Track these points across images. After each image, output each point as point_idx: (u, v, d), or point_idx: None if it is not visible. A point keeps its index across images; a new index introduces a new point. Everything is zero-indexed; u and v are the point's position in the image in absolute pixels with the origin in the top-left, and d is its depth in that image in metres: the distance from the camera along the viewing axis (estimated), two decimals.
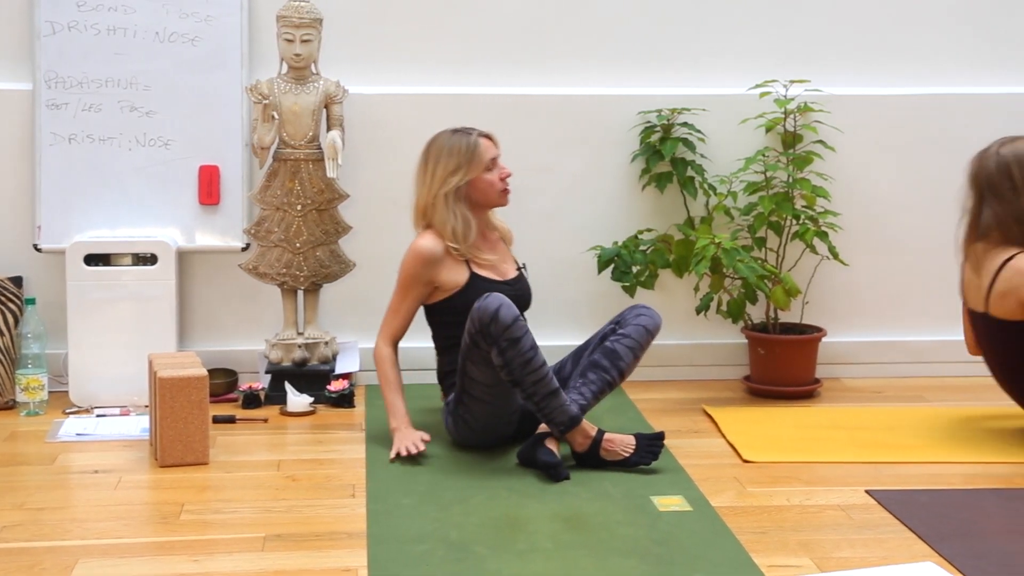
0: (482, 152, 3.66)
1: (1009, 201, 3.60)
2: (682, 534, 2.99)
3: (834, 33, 4.49)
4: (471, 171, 3.65)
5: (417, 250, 3.63)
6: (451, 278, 3.64)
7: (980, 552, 2.88)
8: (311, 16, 4.05)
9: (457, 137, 3.67)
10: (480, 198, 3.69)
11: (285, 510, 3.16)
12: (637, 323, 3.65)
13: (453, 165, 3.64)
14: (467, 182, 3.65)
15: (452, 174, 3.63)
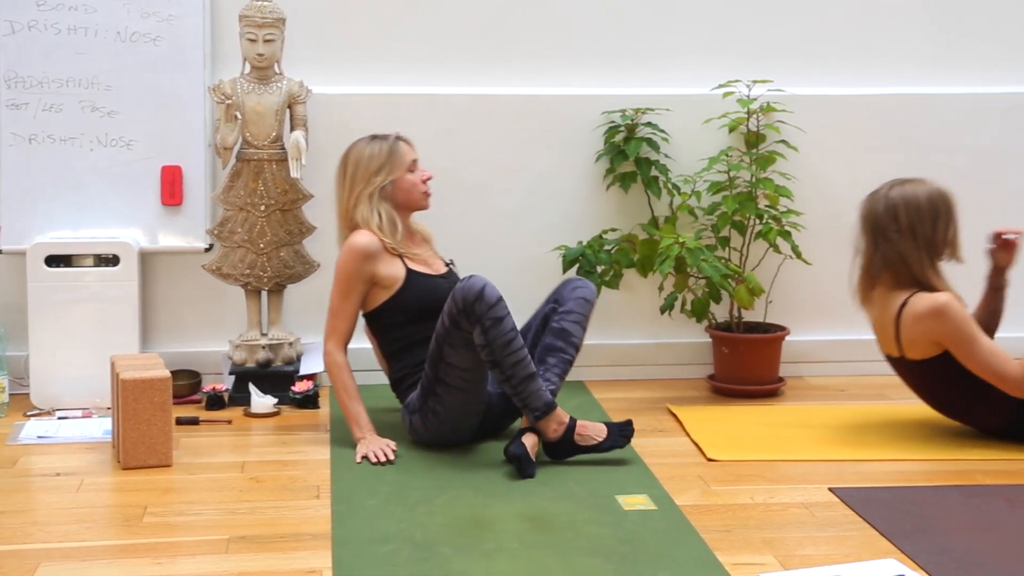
0: (403, 153, 3.70)
1: (896, 243, 3.66)
2: (647, 533, 3.00)
3: (797, 33, 4.52)
4: (393, 171, 3.68)
5: (354, 246, 3.62)
6: (390, 272, 3.64)
7: (942, 548, 2.91)
8: (274, 16, 4.04)
9: (375, 142, 3.71)
10: (403, 199, 3.71)
11: (249, 512, 3.15)
12: (576, 296, 3.72)
13: (375, 166, 3.67)
14: (391, 182, 3.67)
15: (375, 174, 3.67)
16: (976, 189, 4.59)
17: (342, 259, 3.64)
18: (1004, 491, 3.31)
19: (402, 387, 3.71)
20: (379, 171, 3.67)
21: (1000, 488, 3.34)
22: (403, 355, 3.68)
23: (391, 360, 3.74)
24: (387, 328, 3.70)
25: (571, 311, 3.70)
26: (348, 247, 3.63)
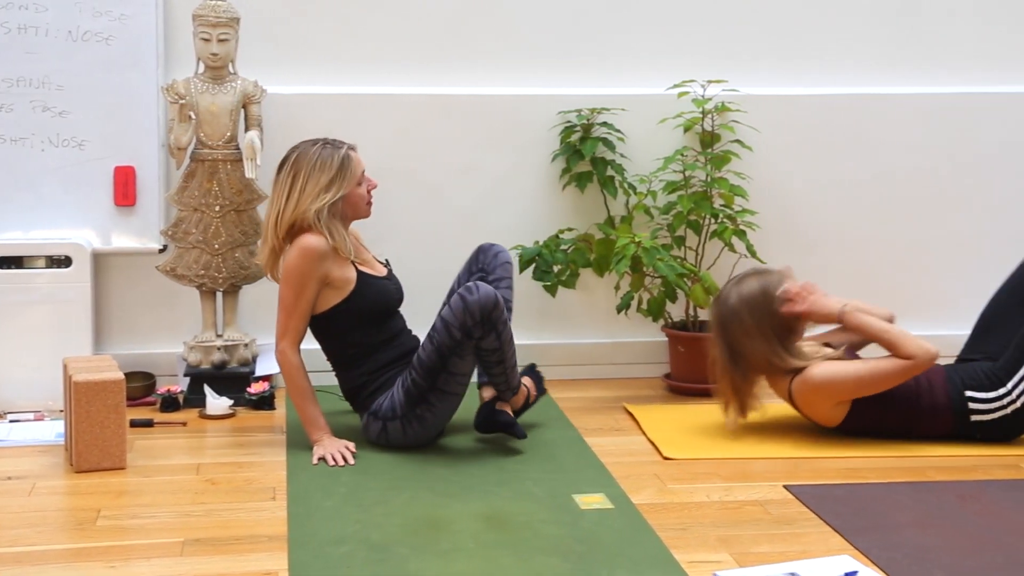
0: (355, 167, 3.62)
1: (753, 342, 3.70)
2: (604, 532, 3.01)
3: (751, 34, 4.54)
4: (344, 186, 3.59)
5: (306, 246, 3.54)
6: (342, 275, 3.60)
7: (894, 544, 2.94)
8: (228, 15, 4.01)
9: (328, 151, 3.59)
10: (350, 211, 3.66)
11: (204, 514, 3.13)
12: (502, 262, 3.77)
13: (326, 181, 3.57)
14: (340, 197, 3.60)
15: (325, 190, 3.57)
16: (927, 187, 4.64)
17: (294, 259, 3.56)
18: (955, 487, 3.35)
19: (363, 394, 3.66)
20: (330, 186, 3.56)
21: (951, 484, 3.37)
22: (360, 361, 3.65)
23: (345, 367, 3.69)
24: (340, 333, 3.66)
25: (501, 278, 3.78)
26: (301, 248, 3.56)
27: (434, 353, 3.49)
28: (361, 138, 4.29)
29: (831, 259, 4.60)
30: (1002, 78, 4.66)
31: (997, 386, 3.68)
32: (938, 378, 3.73)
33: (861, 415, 3.71)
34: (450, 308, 3.48)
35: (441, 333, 3.48)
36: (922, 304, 4.65)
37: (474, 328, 3.44)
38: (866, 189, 4.61)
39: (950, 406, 3.69)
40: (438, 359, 3.49)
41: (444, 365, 3.49)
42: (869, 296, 4.62)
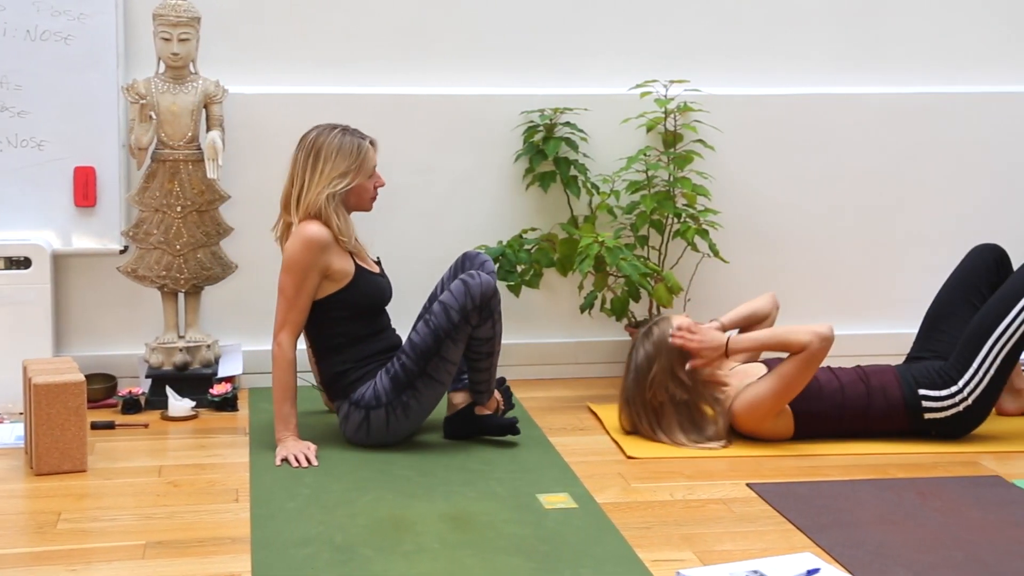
0: (370, 159, 3.67)
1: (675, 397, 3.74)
2: (568, 531, 3.02)
3: (713, 34, 4.56)
4: (358, 177, 3.64)
5: (309, 237, 3.56)
6: (342, 266, 3.61)
7: (856, 541, 2.96)
8: (188, 15, 3.99)
9: (349, 139, 3.64)
10: (354, 202, 3.68)
11: (166, 516, 3.11)
12: (488, 270, 3.74)
13: (343, 168, 3.61)
14: (352, 187, 3.63)
15: (341, 176, 3.61)
16: (888, 186, 4.68)
17: (297, 249, 3.55)
18: (916, 484, 3.37)
19: (344, 381, 3.64)
20: (345, 174, 3.61)
21: (912, 481, 3.40)
22: (345, 350, 3.64)
23: (329, 353, 3.68)
24: (330, 322, 3.65)
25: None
26: (304, 237, 3.55)
27: (430, 336, 3.52)
28: None
29: (793, 258, 4.63)
30: (960, 79, 4.70)
31: (949, 384, 3.72)
32: (890, 378, 3.76)
33: (812, 425, 3.74)
34: (451, 292, 3.53)
35: (439, 316, 3.51)
36: (883, 302, 4.69)
37: (472, 313, 3.50)
38: (827, 188, 4.64)
39: (904, 405, 3.72)
40: (433, 342, 3.52)
41: (438, 349, 3.52)
42: (831, 294, 4.67)
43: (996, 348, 3.69)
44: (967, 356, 3.71)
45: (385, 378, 3.59)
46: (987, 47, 4.71)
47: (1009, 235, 4.68)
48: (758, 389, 3.68)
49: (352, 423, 3.63)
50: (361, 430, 3.62)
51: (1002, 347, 3.69)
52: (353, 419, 3.62)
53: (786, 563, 2.73)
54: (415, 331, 3.59)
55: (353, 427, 3.63)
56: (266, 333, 4.30)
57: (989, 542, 2.96)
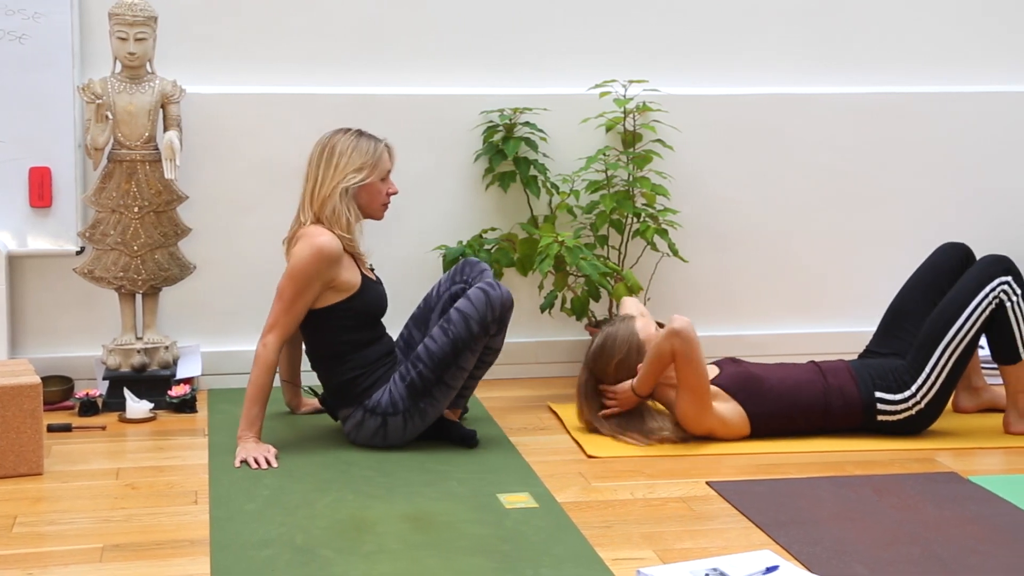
0: (386, 160, 3.69)
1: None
2: (528, 531, 3.02)
3: (671, 34, 4.58)
4: (372, 175, 3.65)
5: (320, 248, 3.54)
6: (348, 278, 3.61)
7: (814, 538, 2.98)
8: (145, 14, 3.96)
9: (365, 140, 3.67)
10: (364, 205, 3.68)
11: (124, 519, 3.09)
12: (486, 278, 3.76)
13: (358, 163, 3.63)
14: (363, 185, 3.63)
15: (356, 171, 3.62)
16: (845, 185, 4.71)
17: (305, 258, 3.54)
18: (873, 481, 3.40)
19: (355, 389, 3.61)
20: (360, 170, 3.62)
21: (869, 478, 3.43)
22: (350, 357, 3.62)
23: (332, 362, 3.65)
24: (334, 330, 3.63)
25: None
26: (314, 248, 3.54)
27: (448, 345, 3.53)
28: (282, 138, 4.29)
29: (751, 257, 4.65)
30: (918, 78, 4.74)
31: (904, 388, 3.75)
32: (846, 377, 3.79)
33: (768, 424, 3.76)
34: (470, 301, 3.53)
35: (458, 325, 3.52)
36: (841, 300, 4.72)
37: (492, 324, 3.53)
38: (785, 187, 4.67)
39: (860, 403, 3.75)
40: (451, 351, 3.53)
41: (456, 359, 3.54)
42: (790, 293, 4.70)
43: (947, 353, 3.73)
44: (920, 361, 3.75)
45: (401, 385, 3.58)
46: (945, 47, 4.75)
47: (967, 235, 4.72)
48: (678, 400, 3.72)
49: (368, 429, 3.61)
50: (378, 435, 3.61)
51: (952, 351, 3.73)
52: (369, 425, 3.61)
53: (745, 560, 2.74)
54: (432, 339, 3.56)
55: (369, 433, 3.61)
56: (224, 334, 4.31)
57: (945, 538, 2.99)
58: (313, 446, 3.66)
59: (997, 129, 4.76)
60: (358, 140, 3.66)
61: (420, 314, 3.88)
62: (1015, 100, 4.76)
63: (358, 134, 3.68)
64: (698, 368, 3.63)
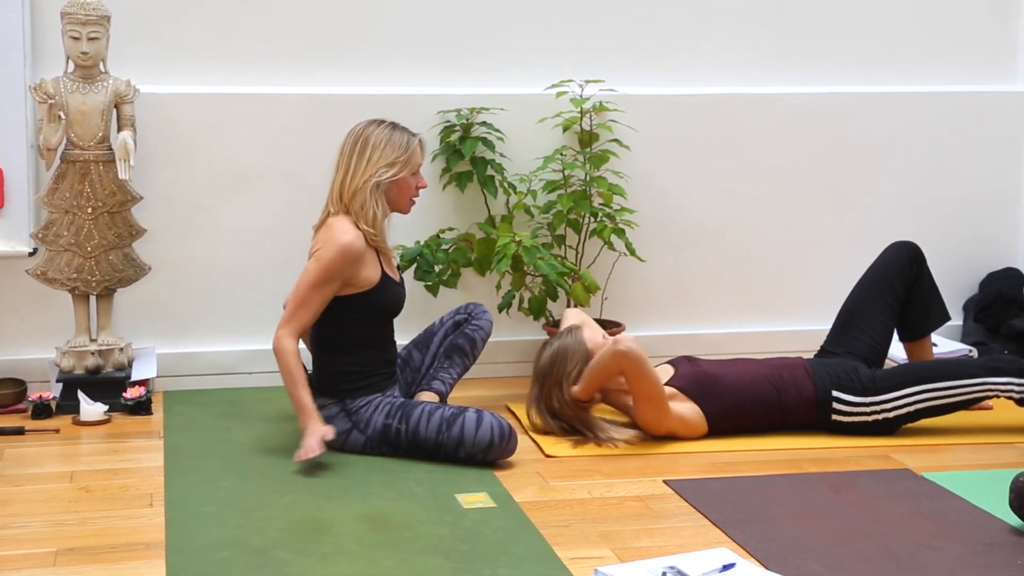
0: (418, 155, 3.69)
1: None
2: (486, 530, 3.02)
3: (627, 34, 4.59)
4: (404, 169, 3.64)
5: (345, 246, 3.53)
6: (368, 275, 3.61)
7: (771, 536, 2.99)
8: (98, 13, 3.93)
9: (398, 133, 3.65)
10: (394, 199, 3.68)
11: (78, 523, 3.06)
12: (485, 319, 3.94)
13: (391, 158, 3.62)
14: (395, 179, 3.63)
15: (389, 166, 3.61)
16: (800, 184, 4.74)
17: (330, 254, 3.52)
18: (829, 478, 3.43)
19: (345, 384, 3.60)
20: (393, 164, 3.61)
21: (825, 476, 3.45)
22: (354, 352, 3.62)
23: (335, 351, 3.63)
24: (343, 320, 3.62)
25: (481, 328, 3.93)
26: (340, 246, 3.52)
27: (432, 442, 3.50)
28: (238, 138, 4.27)
29: (708, 256, 4.67)
30: (869, 79, 4.78)
31: (867, 393, 3.78)
32: (802, 374, 3.82)
33: (726, 421, 3.78)
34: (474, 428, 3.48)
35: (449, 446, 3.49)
36: (795, 299, 4.75)
37: (477, 454, 3.49)
38: (741, 187, 4.69)
39: (815, 399, 3.78)
40: (432, 446, 3.51)
41: (431, 453, 3.52)
42: (745, 292, 4.73)
43: (932, 397, 3.78)
44: (900, 381, 3.79)
45: (380, 417, 3.56)
46: (893, 49, 4.79)
47: (920, 234, 4.77)
48: (636, 409, 3.74)
49: (338, 425, 3.58)
50: (340, 437, 3.58)
51: (937, 400, 3.78)
52: (338, 425, 3.58)
53: (702, 558, 2.75)
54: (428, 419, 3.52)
55: (338, 432, 3.58)
56: (180, 336, 4.28)
57: (900, 534, 3.02)
58: (269, 448, 3.64)
59: (950, 129, 4.81)
60: (392, 133, 3.65)
61: (422, 338, 3.95)
62: (967, 100, 4.81)
63: (392, 127, 3.67)
64: (649, 379, 3.66)
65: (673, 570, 2.67)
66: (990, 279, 4.79)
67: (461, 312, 3.96)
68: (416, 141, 3.68)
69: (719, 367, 3.86)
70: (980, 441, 3.79)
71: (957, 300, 4.84)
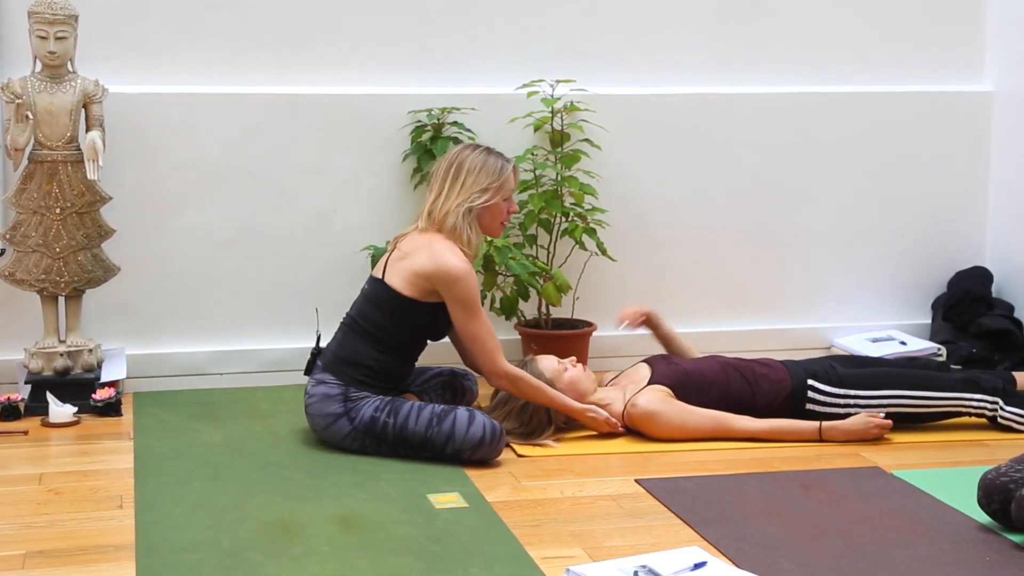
0: (511, 181, 3.71)
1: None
2: (458, 530, 3.02)
3: (598, 34, 4.60)
4: (497, 195, 3.67)
5: (466, 269, 3.59)
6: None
7: (742, 534, 3.01)
8: (65, 12, 3.90)
9: (492, 158, 3.69)
10: (486, 223, 3.71)
11: (47, 525, 3.04)
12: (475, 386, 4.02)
13: (484, 183, 3.66)
14: (488, 205, 3.66)
15: (482, 192, 3.65)
16: (771, 184, 4.76)
17: (467, 284, 3.58)
18: (799, 477, 3.44)
19: (353, 373, 3.59)
20: (486, 190, 3.65)
21: (795, 474, 3.47)
22: (384, 352, 3.63)
23: (368, 341, 3.63)
24: (397, 322, 3.63)
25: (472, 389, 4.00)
26: (464, 273, 3.57)
27: (420, 436, 3.51)
28: (207, 138, 4.25)
29: (679, 256, 4.69)
30: (835, 79, 4.80)
31: (842, 385, 3.82)
32: (776, 367, 3.87)
33: None
34: (464, 430, 3.49)
35: (438, 438, 3.49)
36: (766, 297, 4.77)
37: (464, 451, 3.49)
38: (712, 186, 4.71)
39: (790, 388, 3.81)
40: (420, 442, 3.51)
41: (417, 450, 3.52)
42: (716, 291, 4.74)
43: (905, 405, 3.82)
44: (877, 383, 3.82)
45: (369, 410, 3.56)
46: (861, 49, 4.82)
47: (885, 232, 4.82)
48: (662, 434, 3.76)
49: (325, 408, 3.58)
50: (326, 420, 3.58)
51: (910, 408, 3.82)
52: (330, 408, 3.57)
53: (674, 557, 2.76)
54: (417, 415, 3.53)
55: (321, 412, 3.59)
56: (150, 336, 4.27)
57: (869, 532, 3.04)
58: (241, 449, 3.63)
59: (918, 129, 4.84)
60: (486, 158, 3.68)
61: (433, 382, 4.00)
62: (935, 100, 4.84)
63: (487, 152, 3.70)
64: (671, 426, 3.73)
65: (645, 569, 2.68)
66: (958, 278, 4.83)
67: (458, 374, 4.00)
68: (510, 167, 3.72)
69: (695, 364, 3.89)
70: (949, 439, 3.81)
71: (925, 299, 4.87)
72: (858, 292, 4.82)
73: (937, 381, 3.85)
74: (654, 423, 3.72)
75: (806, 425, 3.75)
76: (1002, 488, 3.01)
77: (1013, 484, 2.99)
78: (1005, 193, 4.83)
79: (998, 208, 4.86)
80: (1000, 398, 3.83)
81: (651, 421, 3.72)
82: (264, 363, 4.34)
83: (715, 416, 3.75)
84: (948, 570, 2.83)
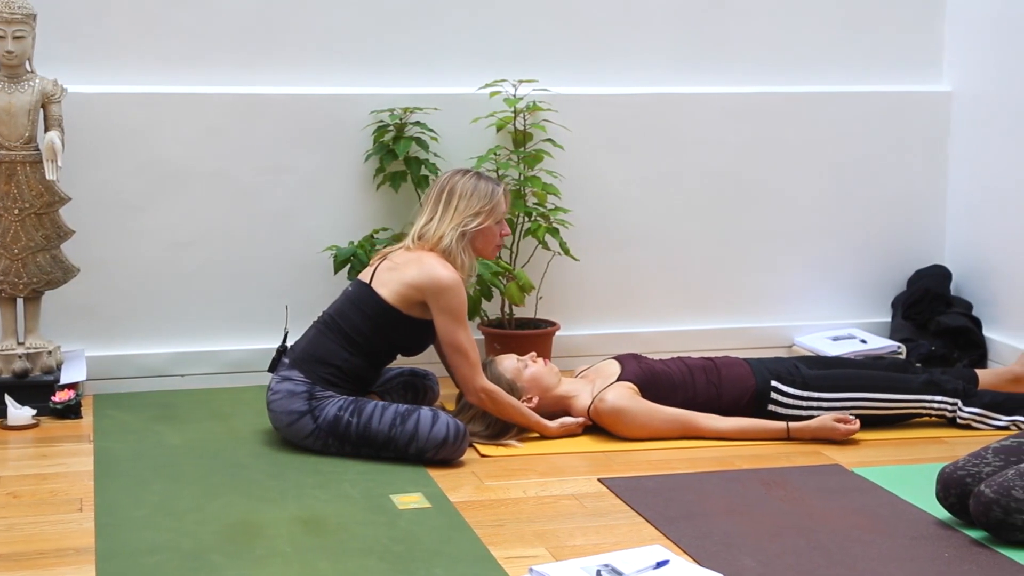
0: (502, 205, 3.74)
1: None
2: (421, 531, 3.02)
3: (560, 34, 4.60)
4: (489, 218, 3.70)
5: (458, 282, 3.62)
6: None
7: (703, 532, 3.02)
8: (23, 12, 3.87)
9: (483, 183, 3.73)
10: (479, 247, 3.74)
11: (5, 528, 3.01)
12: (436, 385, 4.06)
13: (477, 207, 3.69)
14: (480, 229, 3.68)
15: (474, 216, 3.69)
16: (734, 184, 4.78)
17: (456, 295, 3.61)
18: (761, 475, 3.46)
19: (320, 371, 3.59)
20: (478, 214, 3.69)
21: (757, 472, 3.49)
22: (356, 355, 3.63)
23: (342, 342, 3.63)
24: (377, 329, 3.64)
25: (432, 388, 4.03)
26: (455, 283, 3.61)
27: (384, 435, 3.50)
28: (168, 138, 4.23)
29: (642, 255, 4.70)
30: (797, 79, 4.83)
31: (805, 388, 3.84)
32: (741, 367, 3.89)
33: None
34: (428, 430, 3.49)
35: (401, 439, 3.49)
36: (729, 296, 4.79)
37: (427, 451, 3.50)
38: (674, 186, 4.72)
39: (754, 388, 3.83)
40: (383, 441, 3.50)
41: (379, 449, 3.52)
42: (680, 290, 4.76)
43: (867, 407, 3.84)
44: (840, 385, 3.85)
45: (333, 408, 3.54)
46: (822, 49, 4.85)
47: (845, 231, 4.85)
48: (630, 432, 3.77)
49: (290, 405, 3.57)
50: (290, 418, 3.56)
51: (872, 410, 3.85)
52: (294, 406, 3.56)
53: (636, 556, 2.77)
54: (380, 415, 3.52)
55: (285, 409, 3.57)
56: (110, 338, 4.24)
57: (831, 529, 3.06)
58: (202, 451, 3.61)
59: (877, 129, 4.87)
60: (477, 183, 3.72)
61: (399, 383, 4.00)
62: (894, 100, 4.88)
63: (477, 176, 3.74)
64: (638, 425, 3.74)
65: (608, 568, 2.69)
66: (918, 276, 4.87)
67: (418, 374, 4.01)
68: (501, 191, 3.75)
69: (663, 365, 3.90)
70: (908, 436, 3.84)
71: (885, 297, 4.91)
72: (819, 290, 4.85)
73: (898, 383, 3.88)
74: (621, 420, 3.73)
75: (773, 425, 3.77)
76: (959, 482, 3.04)
77: (970, 478, 3.03)
78: (964, 192, 4.87)
79: (957, 207, 4.90)
80: (960, 399, 3.87)
81: (618, 418, 3.73)
82: (225, 364, 4.32)
83: (682, 415, 3.76)
84: (907, 566, 2.85)
